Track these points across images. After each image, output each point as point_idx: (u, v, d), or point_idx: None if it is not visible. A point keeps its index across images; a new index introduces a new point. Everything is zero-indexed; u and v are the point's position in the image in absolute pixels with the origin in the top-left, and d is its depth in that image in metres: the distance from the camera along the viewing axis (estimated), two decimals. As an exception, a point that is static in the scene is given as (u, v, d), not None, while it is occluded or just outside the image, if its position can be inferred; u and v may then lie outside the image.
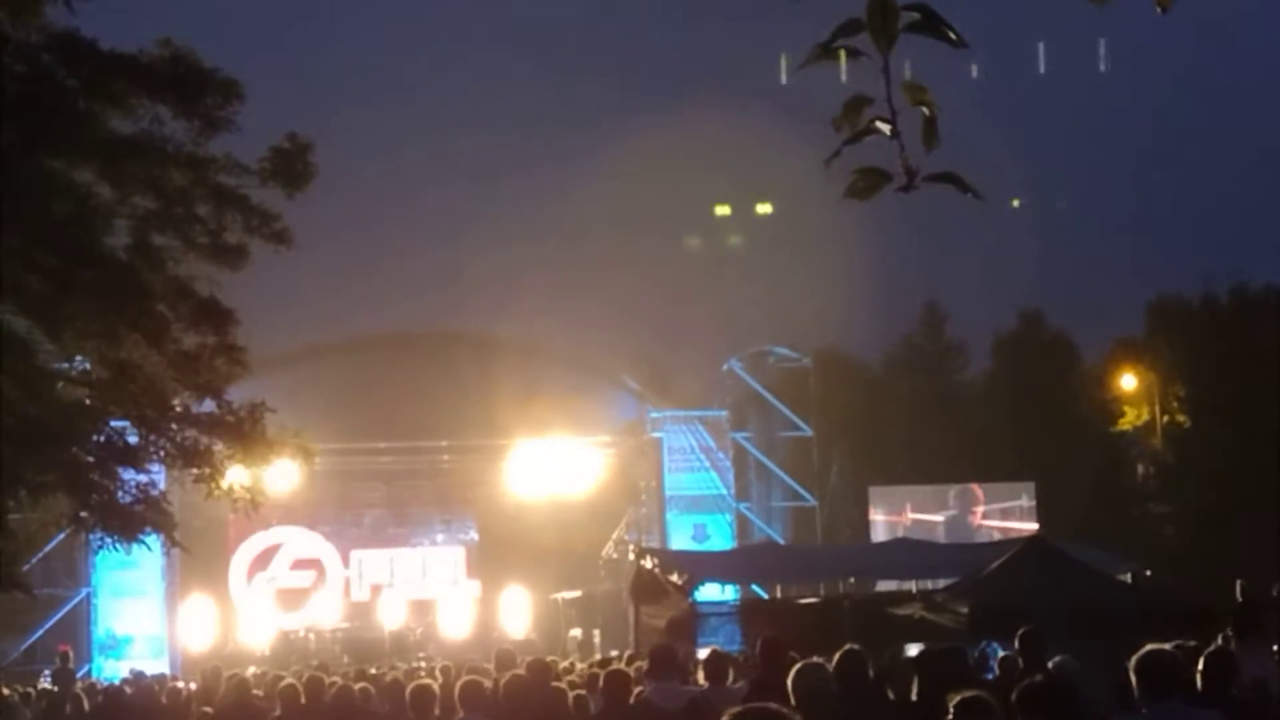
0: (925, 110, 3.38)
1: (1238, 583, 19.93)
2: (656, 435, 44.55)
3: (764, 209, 76.93)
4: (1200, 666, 10.75)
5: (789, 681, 11.38)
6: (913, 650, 16.57)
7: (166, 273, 23.03)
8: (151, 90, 21.63)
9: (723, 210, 79.16)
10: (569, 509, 48.41)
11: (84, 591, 40.53)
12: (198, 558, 44.64)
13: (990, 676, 16.31)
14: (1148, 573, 30.59)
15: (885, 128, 3.35)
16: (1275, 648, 15.22)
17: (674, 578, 33.98)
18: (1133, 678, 9.26)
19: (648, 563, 38.00)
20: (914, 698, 11.49)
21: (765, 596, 39.13)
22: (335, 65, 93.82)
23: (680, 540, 43.48)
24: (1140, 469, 52.41)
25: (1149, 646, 9.43)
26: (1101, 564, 23.27)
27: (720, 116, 67.65)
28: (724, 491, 44.56)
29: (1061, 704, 9.50)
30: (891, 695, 11.86)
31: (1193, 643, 15.70)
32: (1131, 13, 3.65)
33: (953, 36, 3.39)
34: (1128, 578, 26.79)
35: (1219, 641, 16.78)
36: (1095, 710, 10.13)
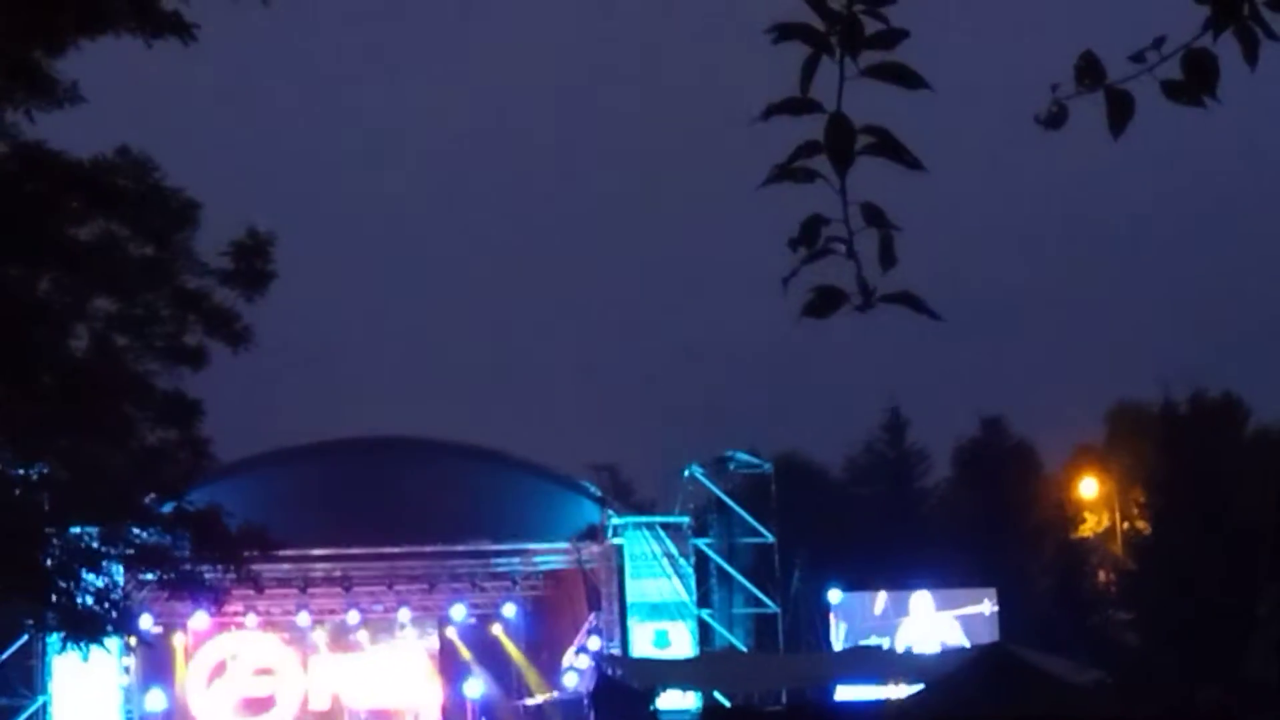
0: (882, 231, 3.43)
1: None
2: (618, 541, 44.44)
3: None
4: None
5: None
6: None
7: (128, 372, 22.98)
8: (109, 212, 21.62)
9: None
10: (532, 614, 48.29)
11: (40, 700, 40.05)
12: (155, 664, 44.37)
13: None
14: (1109, 680, 30.53)
15: (841, 248, 3.40)
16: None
17: (636, 684, 33.89)
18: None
19: (609, 669, 37.90)
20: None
21: (728, 704, 38.95)
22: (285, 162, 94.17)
23: (642, 647, 43.28)
24: (1101, 575, 52.45)
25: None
26: (1063, 671, 23.25)
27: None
28: (686, 598, 44.39)
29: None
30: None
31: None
32: (1082, 133, 3.71)
33: (909, 159, 3.45)
34: (1090, 685, 26.73)
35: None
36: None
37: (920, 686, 24.20)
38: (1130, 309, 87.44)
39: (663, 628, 44.08)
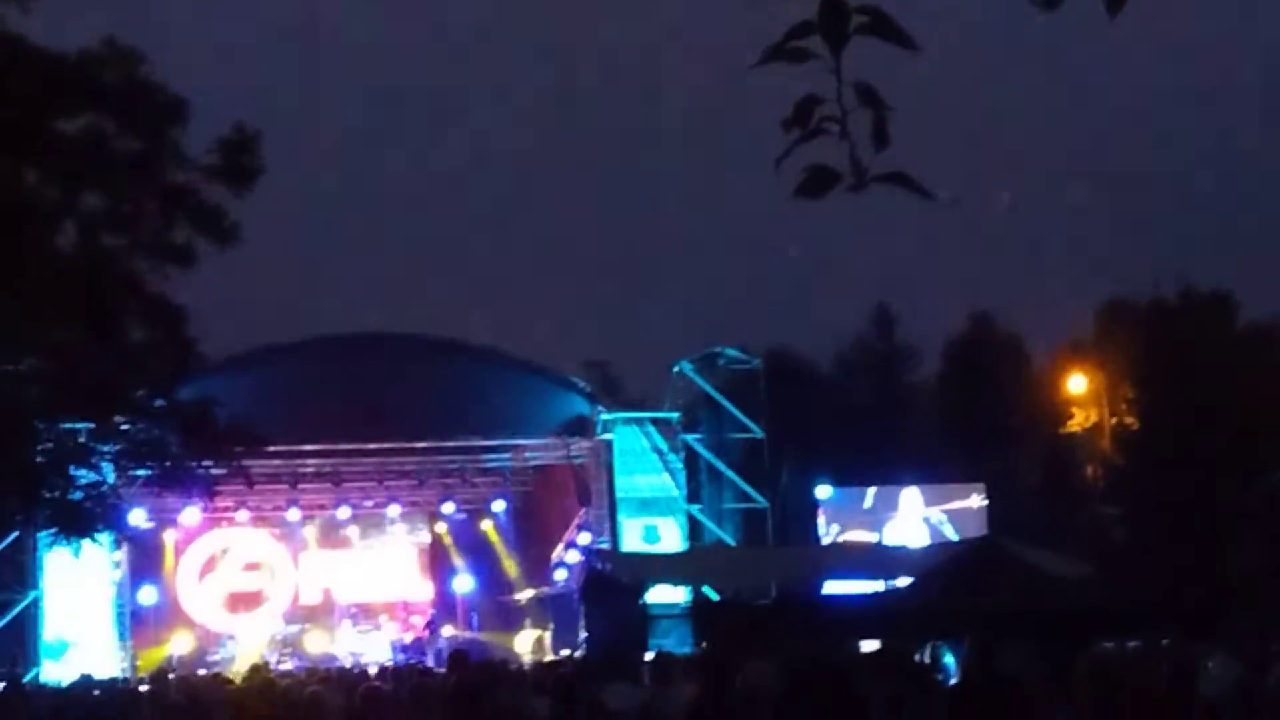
0: (875, 111, 3.40)
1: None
2: (607, 437, 44.54)
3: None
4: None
5: (737, 683, 11.41)
6: (865, 650, 16.63)
7: (115, 270, 22.93)
8: (96, 106, 21.51)
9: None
10: (522, 510, 48.46)
11: (31, 595, 40.25)
12: (146, 559, 44.57)
13: (941, 678, 16.38)
14: (1097, 574, 30.71)
15: (835, 128, 3.38)
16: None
17: (625, 579, 34.02)
18: (1081, 677, 9.33)
19: (599, 564, 38.06)
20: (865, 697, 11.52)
21: (717, 598, 39.18)
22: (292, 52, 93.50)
23: (632, 542, 43.49)
24: (1089, 470, 52.59)
25: (1095, 649, 9.50)
26: (1051, 565, 23.36)
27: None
28: (675, 493, 44.57)
29: (1013, 707, 9.57)
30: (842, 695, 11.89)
31: (1135, 644, 15.86)
32: (1080, 17, 3.67)
33: (904, 39, 3.42)
34: (1077, 578, 26.89)
35: (1164, 642, 16.93)
36: (1044, 713, 10.19)
37: (908, 580, 24.34)
38: (1122, 204, 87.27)
39: (652, 523, 44.28)
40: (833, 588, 33.70)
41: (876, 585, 30.47)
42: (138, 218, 22.91)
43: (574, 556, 44.09)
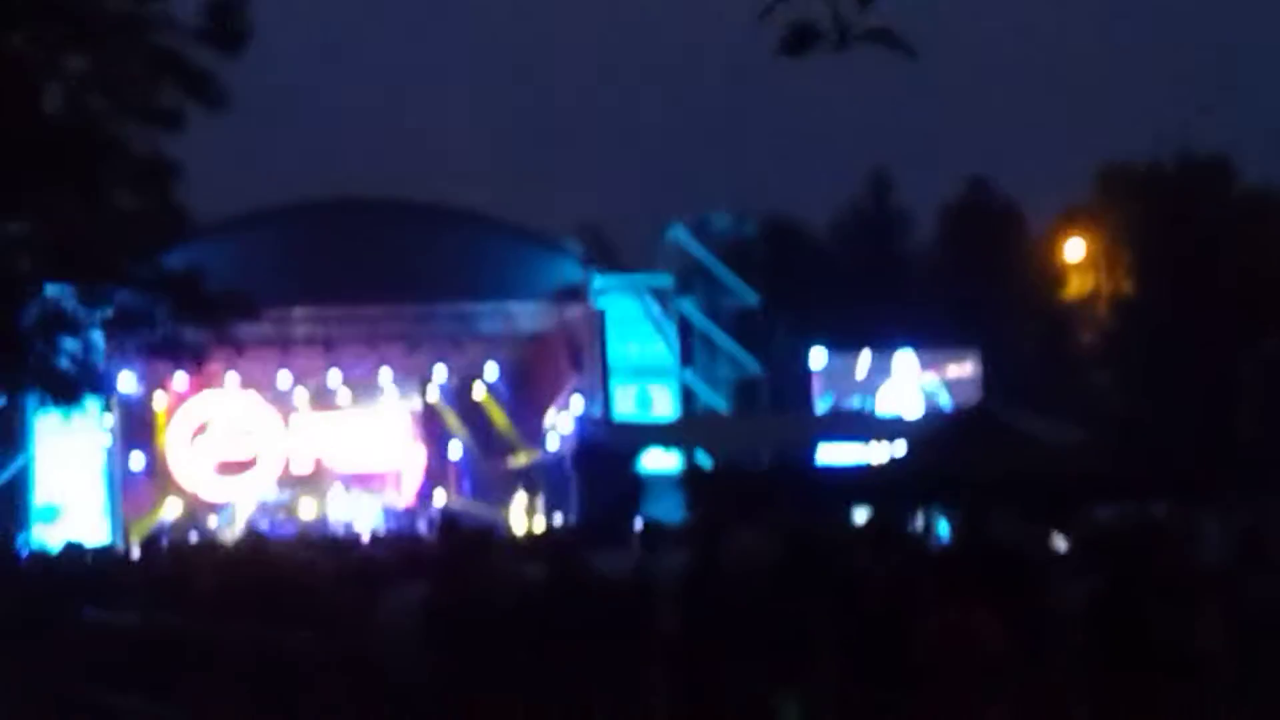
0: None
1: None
2: (600, 303, 44.49)
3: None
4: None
5: (728, 551, 11.46)
6: (858, 518, 16.72)
7: (103, 133, 22.81)
8: None
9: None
10: (515, 376, 48.52)
11: (22, 460, 40.42)
12: (137, 425, 44.70)
13: (934, 545, 16.48)
14: (1091, 440, 30.82)
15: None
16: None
17: (618, 446, 34.15)
18: (1074, 544, 9.38)
19: (592, 431, 38.20)
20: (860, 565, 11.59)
21: (710, 465, 39.35)
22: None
23: (625, 408, 43.58)
24: (1085, 337, 52.69)
25: (1087, 515, 9.53)
26: (1045, 431, 23.44)
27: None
28: (669, 360, 44.59)
29: (1007, 572, 9.63)
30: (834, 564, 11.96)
31: (1132, 508, 15.93)
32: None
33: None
34: (1072, 445, 26.99)
35: (1157, 509, 17.02)
36: (1045, 580, 10.25)
37: (902, 447, 24.46)
38: (1121, 67, 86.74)
39: (645, 389, 44.35)
40: (826, 454, 33.85)
41: (870, 452, 30.60)
42: (125, 81, 22.74)
43: (567, 423, 44.17)
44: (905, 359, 45.77)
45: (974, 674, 7.97)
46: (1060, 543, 11.62)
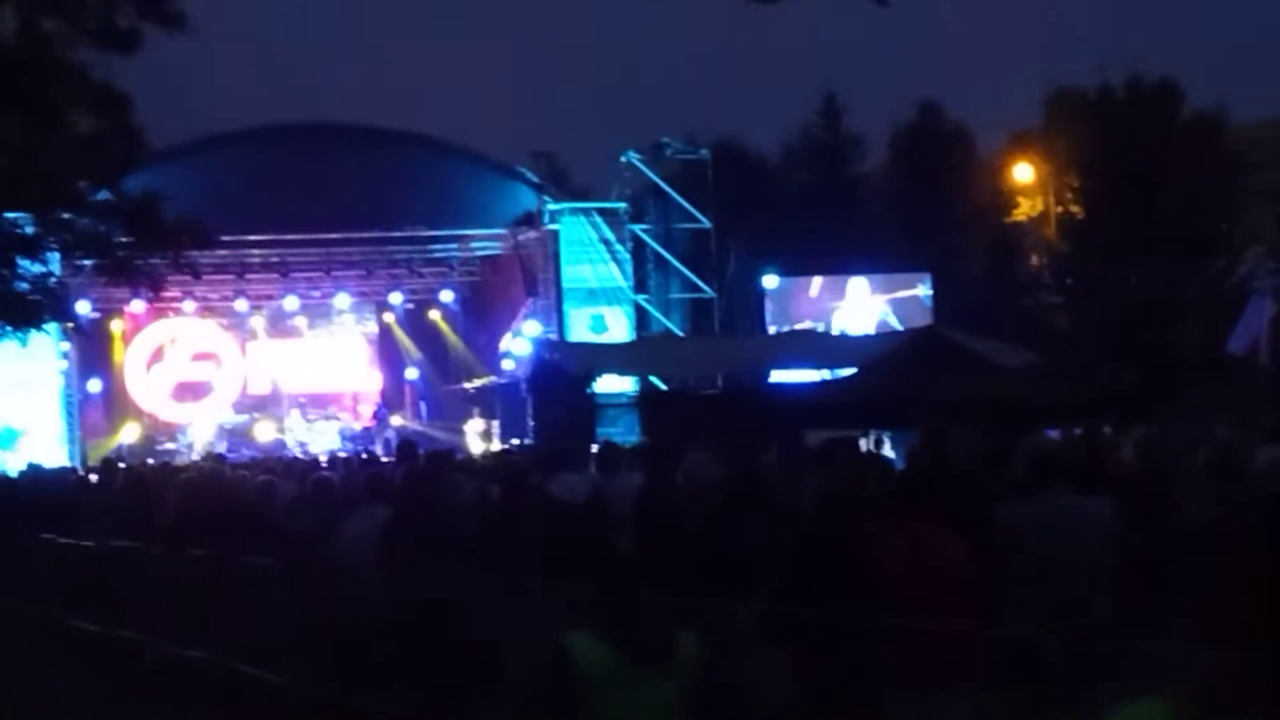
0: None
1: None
2: (555, 227, 44.41)
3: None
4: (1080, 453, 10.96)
5: (680, 473, 11.50)
6: (812, 440, 16.77)
7: (57, 56, 22.57)
8: None
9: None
10: (470, 301, 48.48)
11: (-21, 385, 40.20)
12: (94, 349, 44.49)
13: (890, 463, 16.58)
14: (1039, 363, 30.98)
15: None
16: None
17: (573, 369, 34.11)
18: (1021, 465, 9.45)
19: (547, 354, 38.16)
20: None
21: (664, 388, 39.42)
22: None
23: (579, 332, 43.59)
24: (1034, 259, 52.81)
25: (1037, 437, 9.58)
26: (994, 353, 23.56)
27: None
28: (622, 283, 44.60)
29: (962, 492, 9.69)
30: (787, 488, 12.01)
31: (1080, 431, 16.03)
32: None
33: None
34: (1020, 367, 27.11)
35: (1105, 430, 17.13)
36: (984, 494, 10.32)
37: (853, 369, 24.52)
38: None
39: (599, 313, 44.35)
40: (779, 377, 33.92)
41: (822, 374, 30.70)
42: (80, 3, 22.50)
43: (522, 346, 44.16)
44: (857, 282, 45.86)
45: (944, 593, 8.04)
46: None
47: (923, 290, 45.82)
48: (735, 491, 10.73)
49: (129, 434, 45.40)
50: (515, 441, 39.18)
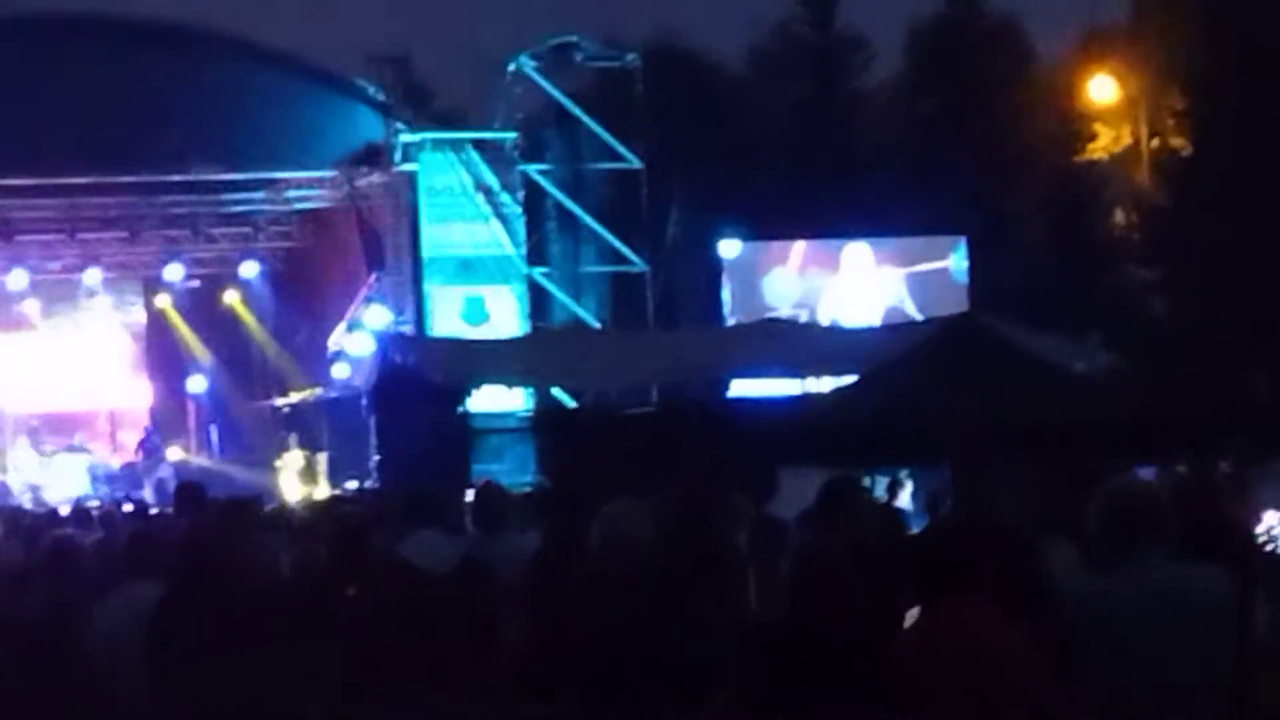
0: None
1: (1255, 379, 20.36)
2: (410, 168, 44.34)
3: None
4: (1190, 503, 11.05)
5: (595, 531, 11.49)
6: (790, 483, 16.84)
7: None
8: None
9: None
10: (284, 276, 48.31)
11: None
12: None
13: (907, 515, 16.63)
14: (1126, 367, 31.14)
15: None
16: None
17: (437, 377, 34.19)
18: (1095, 522, 9.50)
19: (398, 355, 38.17)
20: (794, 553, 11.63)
21: (572, 405, 39.45)
22: None
23: (447, 321, 43.55)
24: (1119, 216, 53.09)
25: (1119, 479, 9.64)
26: (1059, 354, 23.71)
27: None
28: (510, 251, 44.58)
29: (1011, 557, 9.73)
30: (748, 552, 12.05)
31: (1185, 468, 16.13)
32: None
33: None
34: (1098, 374, 27.27)
35: (1224, 466, 17.24)
36: (1048, 565, 10.37)
37: (851, 379, 24.59)
38: None
39: (477, 293, 44.31)
40: (743, 390, 33.98)
41: (806, 385, 30.78)
42: None
43: (361, 344, 44.06)
44: (856, 250, 45.98)
45: (989, 703, 8.08)
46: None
47: (954, 262, 45.98)
48: (675, 559, 10.74)
49: None
50: (352, 484, 39.13)
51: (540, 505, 15.20)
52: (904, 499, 21.36)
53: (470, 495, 17.01)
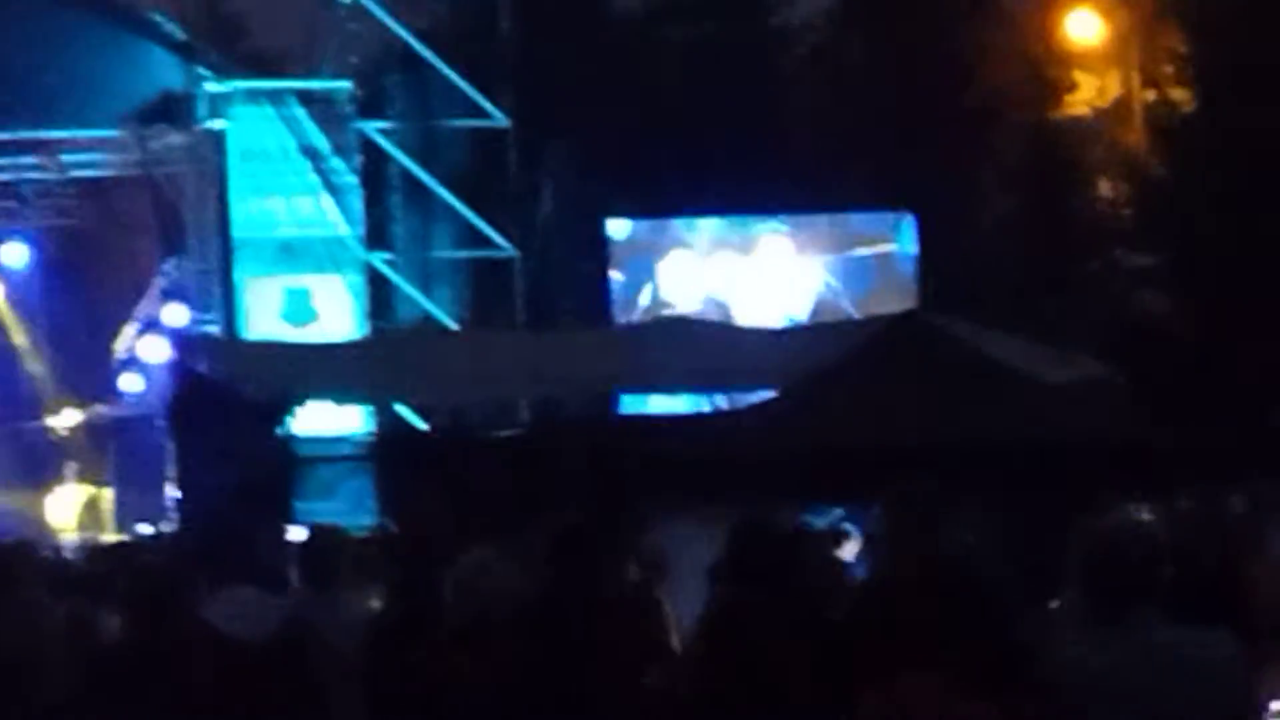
0: None
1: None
2: (217, 125, 44.30)
3: None
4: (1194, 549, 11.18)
5: (449, 586, 11.53)
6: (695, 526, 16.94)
7: None
8: None
9: None
10: (59, 264, 48.20)
11: None
12: None
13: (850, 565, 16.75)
14: (1115, 377, 31.35)
15: None
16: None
17: (251, 390, 34.24)
18: (1076, 572, 9.58)
19: (202, 363, 38.20)
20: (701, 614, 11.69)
21: (423, 426, 39.51)
22: None
23: (264, 321, 43.52)
24: (1104, 186, 53.33)
25: (1106, 518, 9.72)
26: (1030, 362, 23.87)
27: None
28: (345, 232, 44.58)
29: (978, 616, 9.79)
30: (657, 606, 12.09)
31: (1188, 505, 16.28)
32: None
33: None
34: (1079, 385, 27.45)
35: (1236, 504, 17.40)
36: (1016, 619, 10.46)
37: (772, 394, 24.72)
38: None
39: (302, 285, 44.30)
40: (637, 407, 34.10)
41: (716, 401, 30.91)
42: None
43: (156, 349, 43.99)
44: (776, 234, 46.12)
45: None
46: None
47: (899, 245, 46.16)
48: (553, 616, 10.80)
49: None
50: (145, 527, 39.06)
51: (382, 554, 15.24)
52: (848, 552, 21.44)
53: (293, 541, 17.04)
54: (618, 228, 46.45)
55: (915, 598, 9.14)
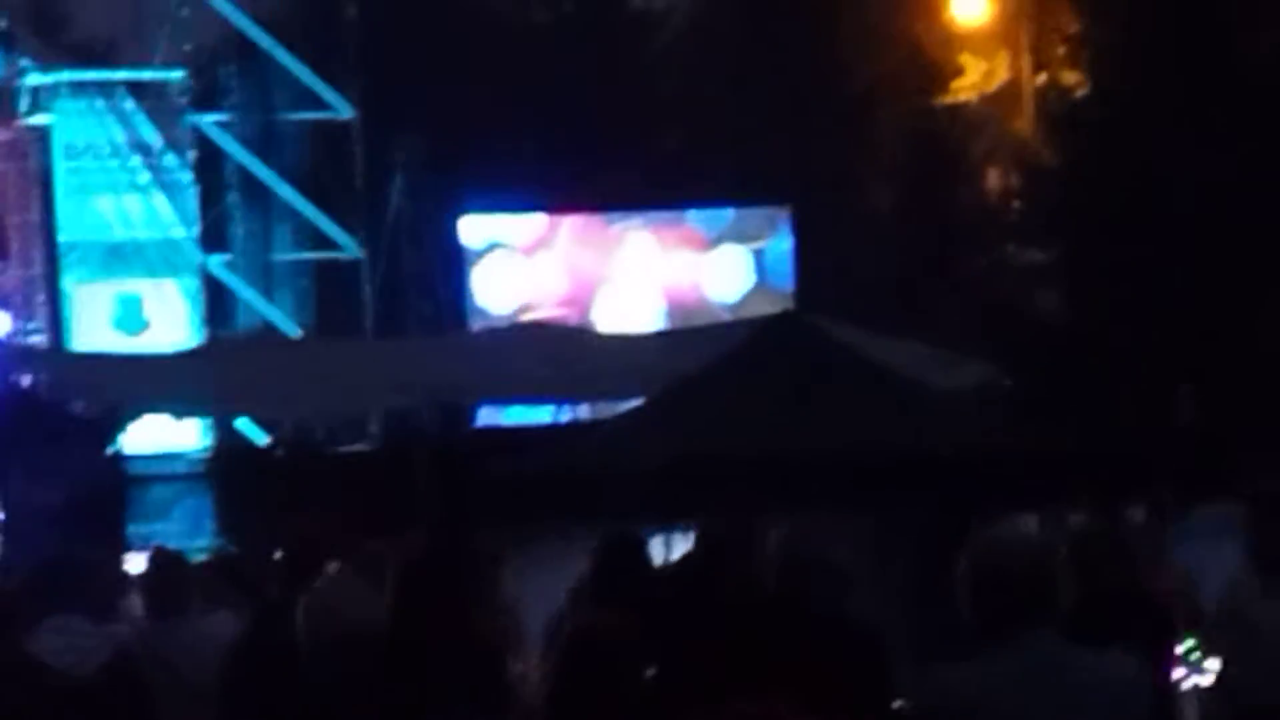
0: None
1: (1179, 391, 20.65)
2: (40, 120, 44.17)
3: None
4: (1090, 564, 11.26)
5: (300, 609, 11.52)
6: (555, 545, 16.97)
7: None
8: None
9: None
10: None
11: None
12: None
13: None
14: (1004, 381, 31.46)
15: None
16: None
17: (80, 405, 34.19)
18: (961, 589, 9.62)
19: (25, 376, 38.11)
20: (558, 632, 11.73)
21: (264, 441, 39.44)
22: None
23: (93, 330, 43.39)
24: (994, 178, 53.46)
25: (994, 531, 9.79)
26: (915, 367, 23.96)
27: None
28: (179, 233, 44.47)
29: (834, 639, 9.86)
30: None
31: (1084, 518, 16.36)
32: None
33: None
34: (967, 391, 27.55)
35: (1135, 515, 17.52)
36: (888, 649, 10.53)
37: (638, 403, 24.77)
38: None
39: (133, 290, 44.17)
40: (495, 419, 34.13)
41: (579, 413, 30.96)
42: None
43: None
44: (639, 231, 46.14)
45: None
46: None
47: (774, 241, 46.21)
48: (411, 642, 10.82)
49: None
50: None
51: (223, 578, 15.18)
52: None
53: (129, 566, 17.00)
54: (472, 227, 46.39)
55: (783, 625, 9.19)
